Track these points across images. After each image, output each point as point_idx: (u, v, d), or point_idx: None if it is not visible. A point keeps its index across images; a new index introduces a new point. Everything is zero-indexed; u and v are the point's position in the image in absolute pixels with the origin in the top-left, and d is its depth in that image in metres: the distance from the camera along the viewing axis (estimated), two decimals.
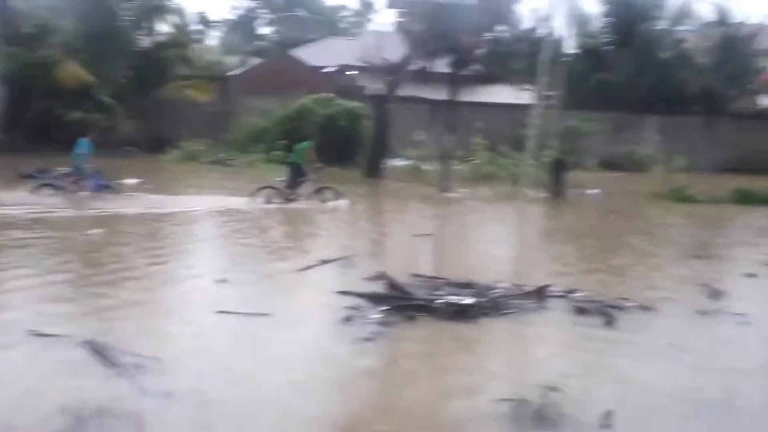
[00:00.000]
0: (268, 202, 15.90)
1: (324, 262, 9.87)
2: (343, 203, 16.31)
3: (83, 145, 15.98)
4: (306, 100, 26.24)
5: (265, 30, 59.36)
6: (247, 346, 6.47)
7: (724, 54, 34.97)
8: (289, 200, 15.98)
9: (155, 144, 27.41)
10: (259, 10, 59.92)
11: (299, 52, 37.98)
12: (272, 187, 16.30)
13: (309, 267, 9.58)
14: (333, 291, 8.22)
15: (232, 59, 44.16)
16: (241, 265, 9.87)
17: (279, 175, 16.98)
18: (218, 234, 12.69)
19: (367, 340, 6.67)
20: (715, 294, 8.79)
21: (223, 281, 8.58)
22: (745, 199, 19.18)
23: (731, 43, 35.00)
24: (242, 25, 58.29)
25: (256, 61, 40.37)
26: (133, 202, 15.24)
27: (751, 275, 10.19)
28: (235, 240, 11.92)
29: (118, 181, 17.11)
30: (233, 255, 10.71)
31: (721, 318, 7.83)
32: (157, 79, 28.47)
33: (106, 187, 15.97)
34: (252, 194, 16.09)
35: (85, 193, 15.73)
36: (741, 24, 35.70)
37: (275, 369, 5.92)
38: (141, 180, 18.75)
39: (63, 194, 15.45)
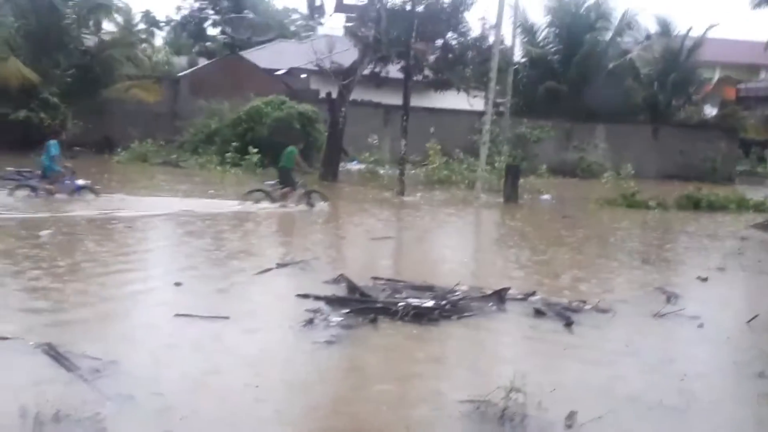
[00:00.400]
0: (257, 203, 15.85)
1: (283, 265, 9.76)
2: (326, 206, 16.46)
3: (55, 146, 15.55)
4: (257, 102, 25.96)
5: (214, 31, 58.70)
6: (207, 349, 6.32)
7: (668, 65, 35.90)
8: (278, 203, 15.99)
9: (103, 144, 26.81)
10: (207, 11, 59.19)
11: (249, 54, 37.66)
12: (262, 191, 16.34)
13: (267, 270, 9.46)
14: (293, 294, 8.13)
15: (181, 59, 43.55)
16: (202, 269, 9.65)
17: (255, 178, 16.75)
18: (182, 237, 12.29)
19: (328, 343, 6.61)
20: (670, 297, 8.97)
21: (179, 284, 8.39)
22: (692, 204, 19.69)
23: (674, 55, 35.94)
24: (191, 26, 57.53)
25: (205, 62, 39.91)
26: (106, 204, 14.82)
27: (703, 279, 10.46)
28: (198, 243, 11.61)
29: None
30: (194, 258, 10.42)
31: (677, 321, 7.99)
32: (103, 78, 27.77)
33: (82, 189, 15.59)
34: (242, 197, 16.09)
35: (62, 195, 15.31)
36: (684, 36, 36.68)
37: (236, 373, 5.81)
38: (89, 181, 18.27)
39: (40, 196, 15.08)
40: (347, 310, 7.53)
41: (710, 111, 38.45)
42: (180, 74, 34.11)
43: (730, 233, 15.80)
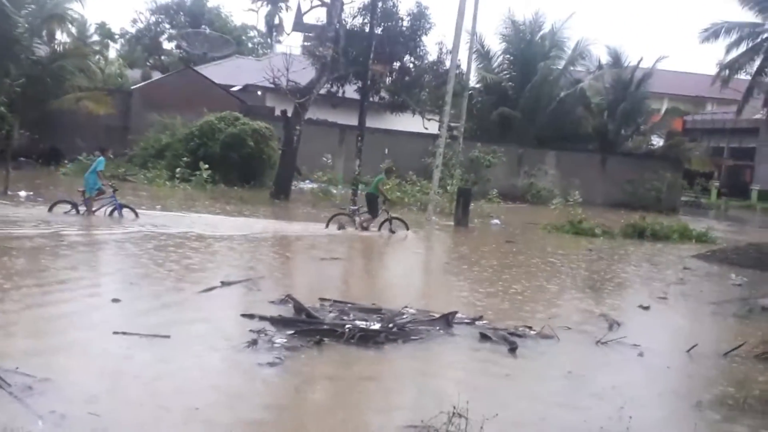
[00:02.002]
0: (341, 228, 16.48)
1: (228, 283, 9.63)
2: (410, 233, 17.13)
3: (101, 162, 15.45)
4: (211, 117, 25.71)
5: (170, 45, 58.23)
6: (146, 369, 6.17)
7: (618, 95, 36.79)
8: (362, 228, 16.71)
9: (51, 156, 26.26)
10: (164, 25, 58.69)
11: (205, 69, 37.42)
12: (346, 215, 17.16)
13: (211, 288, 9.31)
14: (238, 314, 8.02)
15: (134, 72, 43.02)
16: (142, 287, 9.45)
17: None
18: (130, 257, 12.01)
19: (271, 364, 6.51)
20: (612, 325, 9.10)
21: (117, 300, 8.20)
22: (637, 233, 20.05)
23: (624, 85, 36.87)
24: (146, 39, 56.93)
25: (159, 75, 39.50)
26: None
27: (645, 307, 10.65)
28: (142, 262, 11.37)
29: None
30: (136, 276, 10.21)
31: (618, 349, 8.09)
32: (53, 89, 27.30)
33: (123, 207, 15.44)
34: (327, 221, 16.73)
35: (100, 213, 15.29)
36: (634, 67, 37.65)
37: (176, 394, 5.68)
38: (31, 193, 17.86)
39: (81, 213, 15.09)
40: (292, 332, 7.45)
41: (657, 141, 39.42)
42: (133, 87, 33.68)
43: (673, 263, 16.12)
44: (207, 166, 23.10)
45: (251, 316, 7.90)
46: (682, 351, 8.20)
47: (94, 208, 15.25)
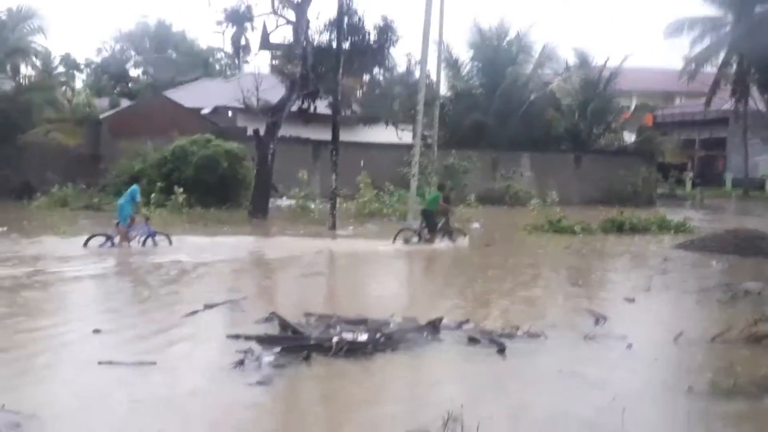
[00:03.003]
0: (406, 242, 17.17)
1: (211, 306, 9.51)
2: (465, 241, 17.76)
3: (136, 192, 15.30)
4: (182, 141, 25.52)
5: (136, 72, 57.89)
6: (134, 397, 6.05)
7: (587, 95, 37.11)
8: (425, 241, 17.22)
9: (22, 190, 25.92)
10: (129, 52, 58.37)
11: (173, 93, 37.22)
12: (410, 229, 17.88)
13: (194, 312, 9.19)
14: (224, 335, 7.91)
15: (102, 101, 42.69)
16: (124, 315, 9.31)
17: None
18: (111, 285, 11.86)
19: (261, 383, 6.43)
20: (599, 319, 9.11)
21: (98, 331, 8.05)
22: (616, 228, 20.17)
23: (593, 85, 37.22)
24: (112, 67, 56.53)
25: (127, 102, 39.27)
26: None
27: (630, 300, 10.68)
28: (123, 289, 11.25)
29: None
30: (118, 305, 10.08)
31: (606, 342, 8.09)
32: (21, 123, 27.05)
33: (155, 235, 15.34)
34: (393, 236, 17.33)
35: (134, 243, 15.17)
36: (601, 66, 38.03)
37: (166, 421, 5.59)
38: (5, 228, 17.58)
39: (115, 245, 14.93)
40: (279, 349, 7.36)
41: (629, 137, 39.81)
42: (102, 116, 33.43)
43: (654, 254, 16.23)
44: (182, 189, 22.89)
45: (237, 337, 7.79)
46: (669, 341, 8.23)
47: (129, 237, 15.14)
